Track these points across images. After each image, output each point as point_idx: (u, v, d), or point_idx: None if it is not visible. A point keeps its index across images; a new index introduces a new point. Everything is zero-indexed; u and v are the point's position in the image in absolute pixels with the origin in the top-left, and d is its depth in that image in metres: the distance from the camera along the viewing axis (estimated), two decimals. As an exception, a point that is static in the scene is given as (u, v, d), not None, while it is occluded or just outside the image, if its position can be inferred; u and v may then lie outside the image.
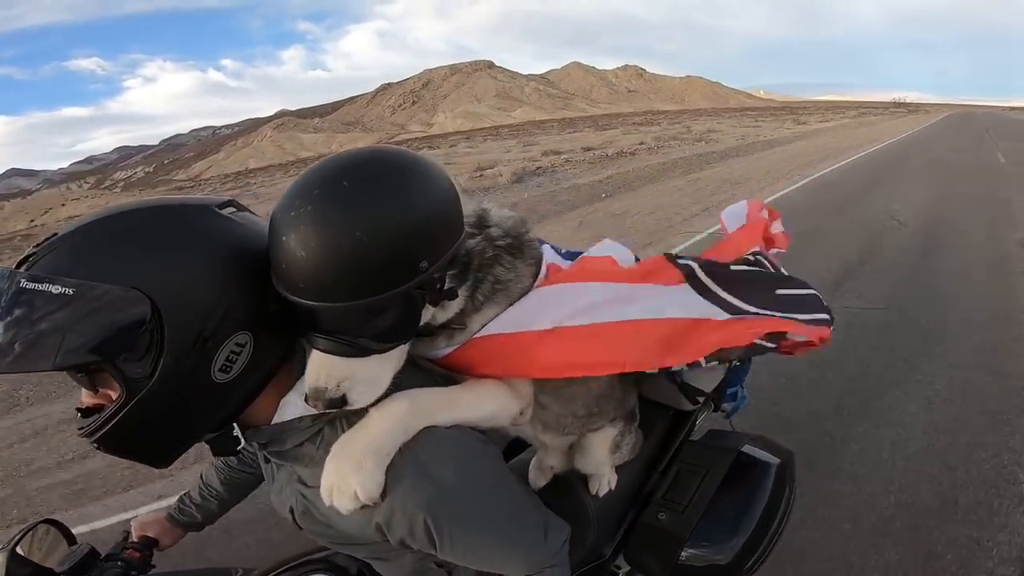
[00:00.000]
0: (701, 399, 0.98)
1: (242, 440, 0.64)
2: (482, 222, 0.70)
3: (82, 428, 0.57)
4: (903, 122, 34.51)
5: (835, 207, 6.94)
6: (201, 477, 1.03)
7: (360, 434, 0.59)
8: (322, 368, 0.58)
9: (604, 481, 0.91)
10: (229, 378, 0.58)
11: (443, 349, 0.70)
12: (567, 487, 0.91)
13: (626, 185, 9.62)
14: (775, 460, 0.98)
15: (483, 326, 0.69)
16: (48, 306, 0.50)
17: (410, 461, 0.59)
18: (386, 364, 0.61)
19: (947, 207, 6.78)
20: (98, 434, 0.56)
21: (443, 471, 0.59)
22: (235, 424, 0.63)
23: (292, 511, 0.69)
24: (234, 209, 0.63)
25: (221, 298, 0.56)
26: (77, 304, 0.50)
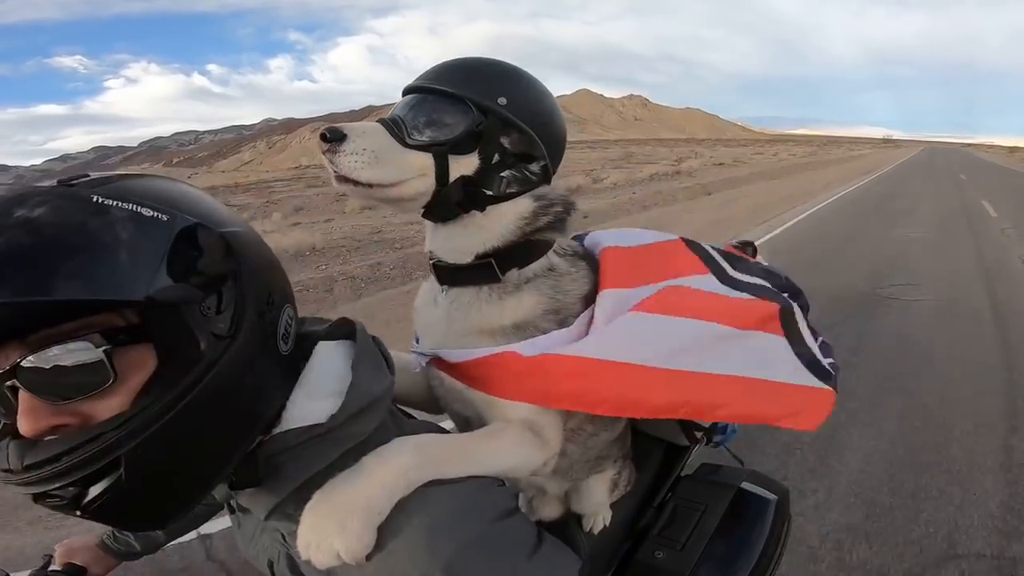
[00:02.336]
0: (699, 434, 0.99)
1: (261, 468, 0.49)
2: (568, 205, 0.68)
3: (34, 474, 0.39)
4: (899, 152, 58.81)
5: (916, 166, 29.58)
6: None
7: (349, 485, 0.48)
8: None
9: (599, 519, 0.88)
10: (288, 349, 0.51)
11: (489, 318, 0.63)
12: (558, 523, 0.89)
13: (821, 165, 27.48)
14: (773, 497, 0.97)
15: (513, 319, 0.62)
16: (144, 227, 0.40)
17: (421, 514, 0.49)
18: (401, 164, 0.56)
19: (932, 164, 30.75)
20: (112, 455, 0.39)
21: (461, 524, 0.50)
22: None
23: (271, 565, 0.58)
24: None
25: (274, 265, 0.52)
26: (173, 234, 0.41)
